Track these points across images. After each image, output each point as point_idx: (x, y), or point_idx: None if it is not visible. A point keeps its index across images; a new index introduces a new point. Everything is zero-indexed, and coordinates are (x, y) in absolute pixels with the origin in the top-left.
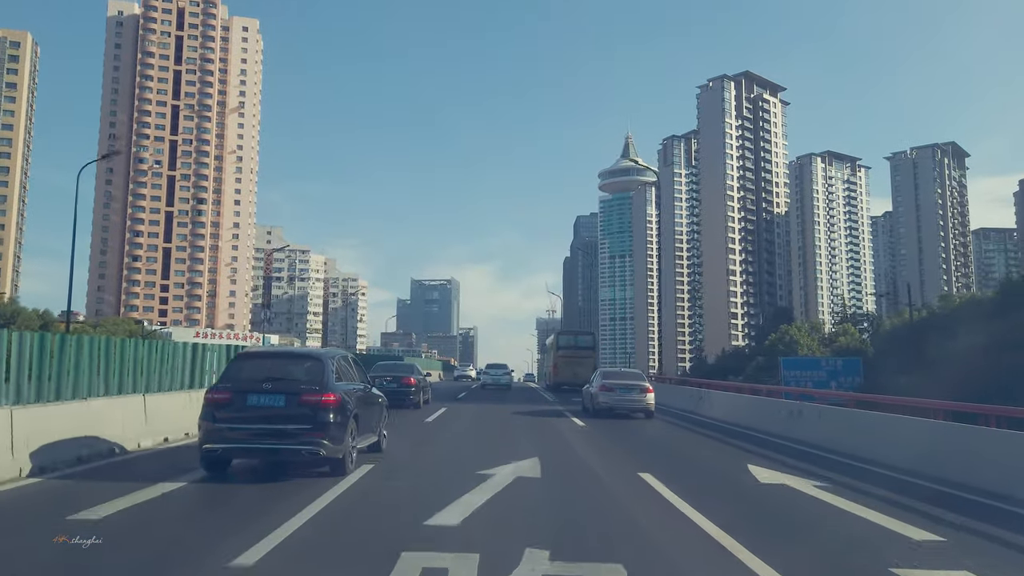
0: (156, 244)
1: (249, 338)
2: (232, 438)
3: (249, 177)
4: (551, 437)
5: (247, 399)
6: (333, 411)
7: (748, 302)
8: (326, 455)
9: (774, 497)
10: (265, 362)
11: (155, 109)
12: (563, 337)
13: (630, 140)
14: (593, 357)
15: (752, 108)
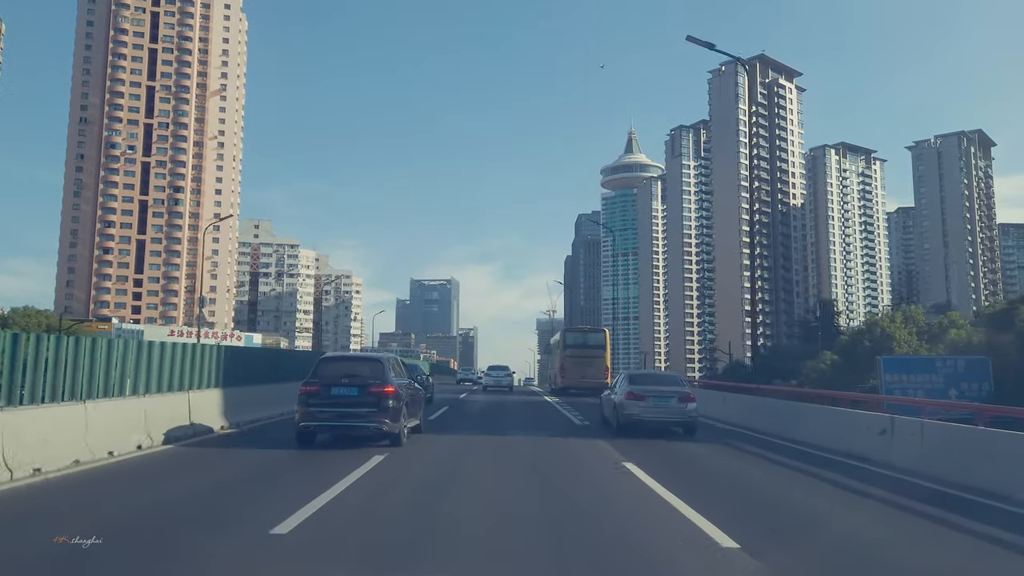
0: (129, 236)
1: (230, 337)
2: (321, 418)
3: (232, 165)
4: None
5: (331, 390)
6: (392, 399)
7: (763, 299)
8: (387, 431)
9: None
10: (342, 363)
11: (129, 90)
12: (570, 335)
13: (633, 135)
14: (604, 357)
15: (767, 94)
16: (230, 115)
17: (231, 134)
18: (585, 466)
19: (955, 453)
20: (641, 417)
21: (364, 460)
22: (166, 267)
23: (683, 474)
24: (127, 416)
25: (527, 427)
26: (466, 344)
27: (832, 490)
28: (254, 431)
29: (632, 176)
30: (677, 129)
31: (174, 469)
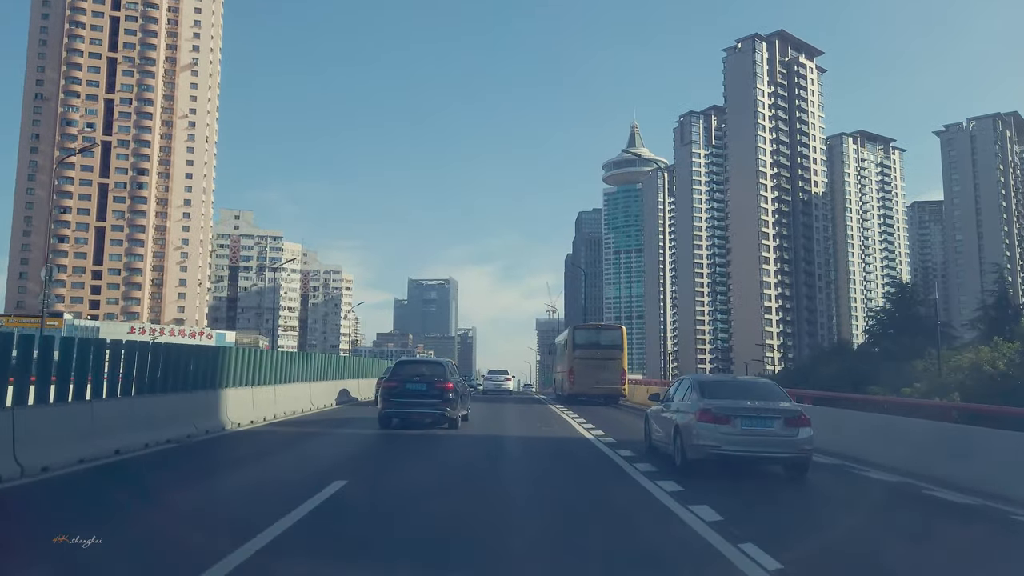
0: (87, 223)
1: (199, 335)
2: (398, 406)
3: (204, 147)
4: None
5: (406, 386)
6: (452, 393)
7: (784, 294)
8: (448, 416)
9: None
10: (414, 365)
11: (87, 62)
12: (581, 332)
13: (636, 129)
14: (621, 359)
15: (786, 73)
16: (202, 92)
17: (203, 113)
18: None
19: None
20: (725, 450)
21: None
22: (128, 257)
23: None
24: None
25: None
26: (465, 345)
27: None
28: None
29: (635, 171)
30: (686, 115)
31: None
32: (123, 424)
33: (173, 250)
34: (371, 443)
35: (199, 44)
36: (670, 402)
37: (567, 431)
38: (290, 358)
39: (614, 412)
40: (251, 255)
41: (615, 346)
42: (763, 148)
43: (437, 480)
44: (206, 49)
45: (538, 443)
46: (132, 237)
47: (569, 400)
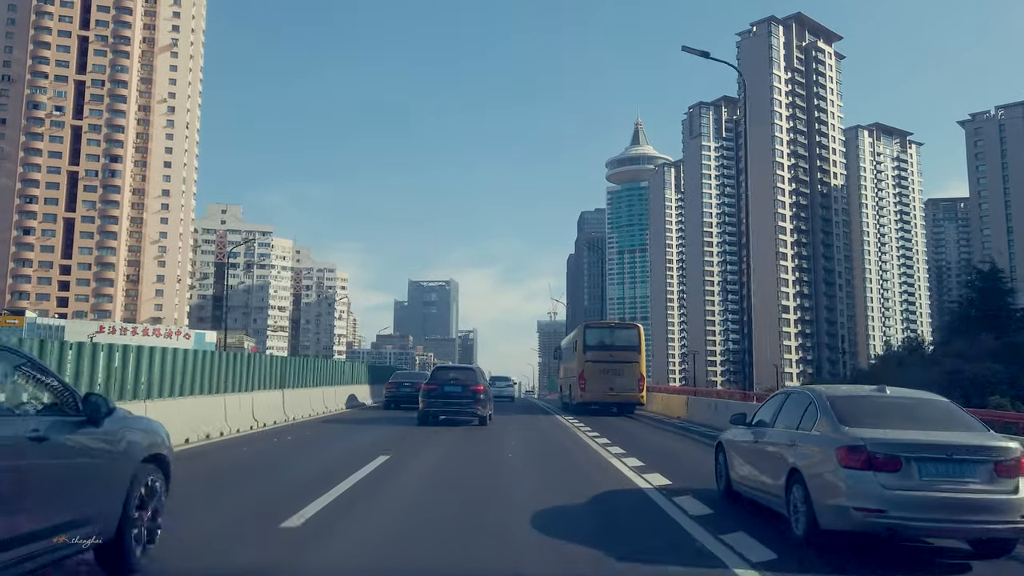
0: (55, 213)
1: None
2: (437, 409)
3: (184, 134)
4: None
5: (444, 388)
6: (483, 394)
7: (802, 292)
8: (479, 414)
9: None
10: (450, 371)
11: (56, 41)
12: (593, 331)
13: (640, 126)
14: (639, 362)
15: (804, 59)
16: (182, 75)
17: (183, 98)
18: None
19: None
20: (895, 519)
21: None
22: (100, 251)
23: None
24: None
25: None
26: (465, 347)
27: None
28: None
29: (639, 169)
30: (695, 106)
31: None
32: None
33: (150, 244)
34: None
35: (179, 24)
36: (767, 427)
37: (594, 465)
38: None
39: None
40: (238, 251)
41: (631, 347)
42: (780, 137)
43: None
44: (187, 30)
45: (560, 488)
46: (104, 229)
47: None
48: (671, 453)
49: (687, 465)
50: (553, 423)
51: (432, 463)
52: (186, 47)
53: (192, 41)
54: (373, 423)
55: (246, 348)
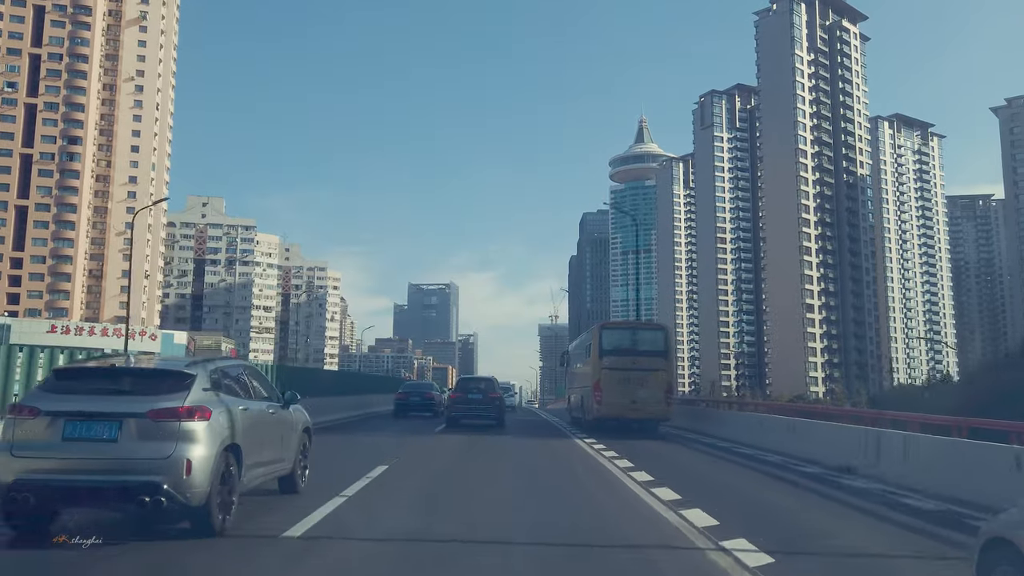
0: (6, 200)
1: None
2: (462, 414)
3: (154, 116)
4: None
5: (468, 396)
6: (499, 401)
7: (827, 290)
8: (495, 417)
9: None
10: (472, 381)
11: (8, 10)
12: (612, 333)
13: (644, 123)
14: (668, 370)
15: (828, 39)
16: (152, 51)
17: (152, 76)
18: None
19: None
20: None
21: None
22: (56, 243)
23: None
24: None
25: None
26: (466, 351)
27: None
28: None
29: (644, 167)
30: (707, 95)
31: None
32: None
33: (115, 235)
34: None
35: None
36: None
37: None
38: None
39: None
40: (219, 247)
41: (658, 352)
42: (803, 123)
43: None
44: (157, 4)
45: None
46: (60, 218)
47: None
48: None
49: None
50: (572, 450)
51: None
52: (156, 21)
53: (163, 15)
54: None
55: (224, 350)
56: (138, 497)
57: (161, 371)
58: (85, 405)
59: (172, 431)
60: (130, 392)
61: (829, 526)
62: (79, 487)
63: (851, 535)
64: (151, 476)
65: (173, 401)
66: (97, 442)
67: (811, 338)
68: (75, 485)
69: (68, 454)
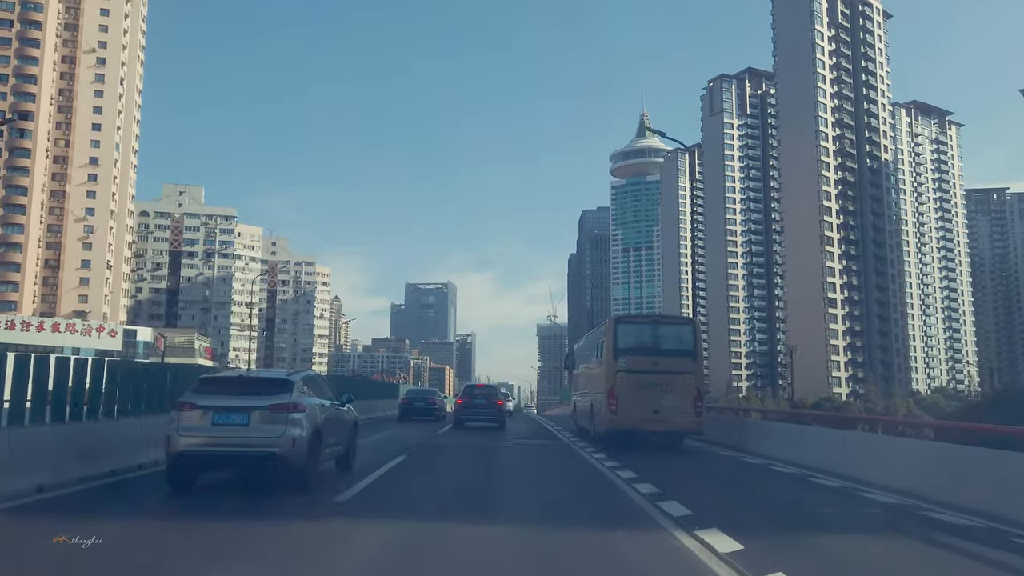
0: None
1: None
2: (468, 417)
3: (116, 90)
4: None
5: (473, 402)
6: (501, 406)
7: (850, 283)
8: (498, 420)
9: None
10: (477, 388)
11: None
12: (630, 328)
13: (645, 117)
14: (697, 373)
15: (849, 15)
16: (114, 21)
17: (116, 47)
18: None
19: None
20: None
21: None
22: (4, 228)
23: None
24: None
25: None
26: (463, 351)
27: None
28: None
29: (646, 161)
30: (716, 80)
31: None
32: None
33: (74, 222)
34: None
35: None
36: None
37: None
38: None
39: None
40: (197, 238)
41: (685, 351)
42: (823, 103)
43: None
44: None
45: None
46: (9, 201)
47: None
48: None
49: None
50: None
51: None
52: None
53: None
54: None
55: (197, 348)
56: (262, 462)
57: (272, 379)
58: (226, 401)
59: (283, 418)
60: (254, 393)
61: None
62: (224, 456)
63: None
64: (270, 448)
65: (282, 399)
66: (235, 426)
67: (833, 335)
68: (221, 454)
69: (216, 434)
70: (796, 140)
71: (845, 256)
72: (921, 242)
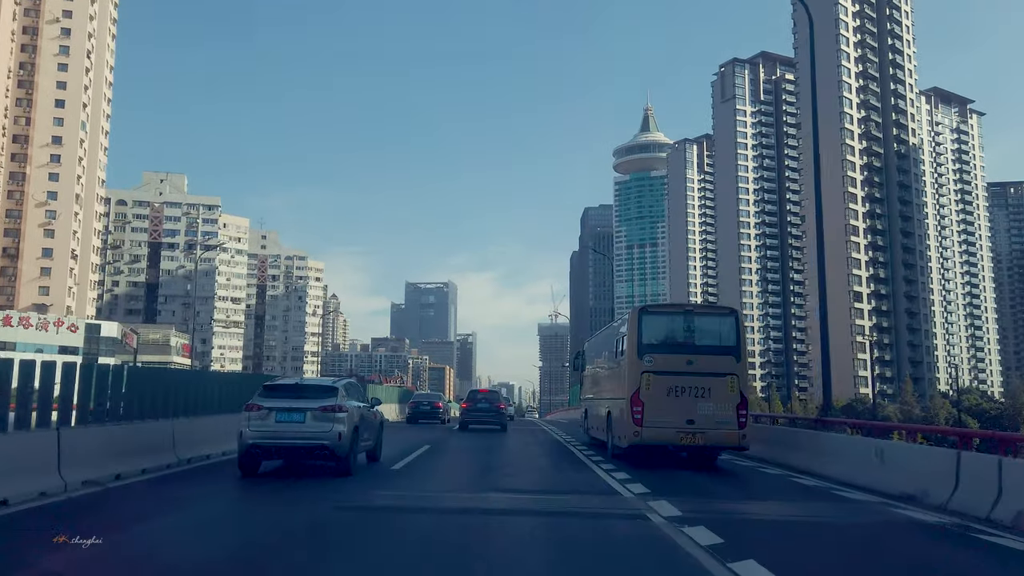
0: None
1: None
2: (472, 420)
3: (83, 64)
4: None
5: (477, 406)
6: (503, 410)
7: (877, 276)
8: (500, 423)
9: None
10: (481, 393)
11: None
12: (658, 320)
13: (650, 112)
14: (741, 375)
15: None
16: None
17: (82, 18)
18: None
19: None
20: None
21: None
22: None
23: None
24: None
25: None
26: (464, 351)
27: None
28: None
29: (650, 156)
30: (729, 64)
31: None
32: None
33: (35, 207)
34: None
35: None
36: None
37: None
38: None
39: None
40: (178, 228)
41: (726, 347)
42: (847, 83)
43: None
44: None
45: None
46: None
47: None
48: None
49: None
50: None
51: None
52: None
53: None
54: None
55: (174, 345)
56: (315, 451)
57: (322, 385)
58: (286, 403)
59: (331, 417)
60: (307, 396)
61: None
62: (285, 447)
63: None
64: (322, 441)
65: (330, 401)
66: (294, 423)
67: (859, 331)
68: (283, 446)
69: (279, 429)
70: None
71: (871, 247)
72: (942, 235)
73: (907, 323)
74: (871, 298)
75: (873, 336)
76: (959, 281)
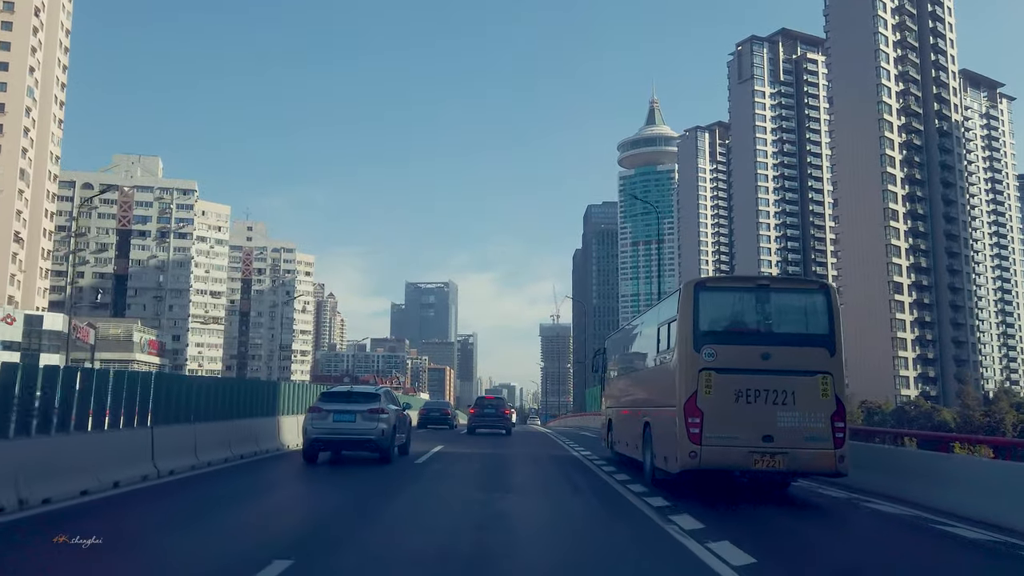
0: None
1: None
2: (479, 424)
3: (29, 21)
4: None
5: (484, 411)
6: (508, 416)
7: (919, 265)
8: (506, 428)
9: None
10: (488, 400)
11: None
12: (721, 298)
13: (655, 105)
14: (835, 375)
15: None
16: None
17: None
18: None
19: None
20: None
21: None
22: None
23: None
24: None
25: None
26: (465, 351)
27: None
28: None
29: (656, 150)
30: (746, 42)
31: None
32: None
33: None
34: None
35: None
36: None
37: None
38: None
39: None
40: (150, 215)
41: (815, 336)
42: (886, 53)
43: None
44: None
45: None
46: None
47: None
48: None
49: None
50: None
51: None
52: None
53: None
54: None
55: (138, 342)
56: (365, 444)
57: (367, 392)
58: (341, 406)
59: (376, 417)
60: (357, 401)
61: None
62: (339, 440)
63: None
64: (369, 436)
65: (374, 405)
66: (347, 422)
67: (900, 326)
68: (338, 440)
69: (335, 427)
70: (854, 97)
71: (912, 233)
72: (972, 226)
73: (951, 317)
74: (912, 290)
75: (915, 332)
76: (990, 275)
